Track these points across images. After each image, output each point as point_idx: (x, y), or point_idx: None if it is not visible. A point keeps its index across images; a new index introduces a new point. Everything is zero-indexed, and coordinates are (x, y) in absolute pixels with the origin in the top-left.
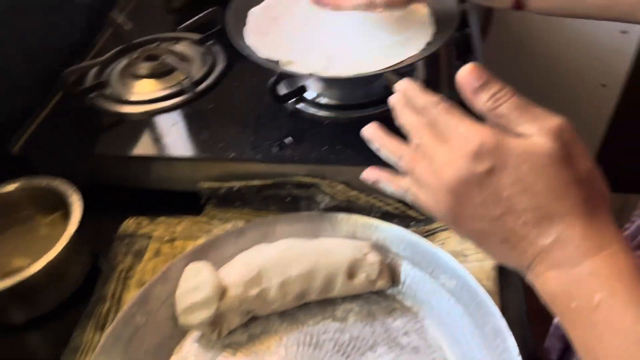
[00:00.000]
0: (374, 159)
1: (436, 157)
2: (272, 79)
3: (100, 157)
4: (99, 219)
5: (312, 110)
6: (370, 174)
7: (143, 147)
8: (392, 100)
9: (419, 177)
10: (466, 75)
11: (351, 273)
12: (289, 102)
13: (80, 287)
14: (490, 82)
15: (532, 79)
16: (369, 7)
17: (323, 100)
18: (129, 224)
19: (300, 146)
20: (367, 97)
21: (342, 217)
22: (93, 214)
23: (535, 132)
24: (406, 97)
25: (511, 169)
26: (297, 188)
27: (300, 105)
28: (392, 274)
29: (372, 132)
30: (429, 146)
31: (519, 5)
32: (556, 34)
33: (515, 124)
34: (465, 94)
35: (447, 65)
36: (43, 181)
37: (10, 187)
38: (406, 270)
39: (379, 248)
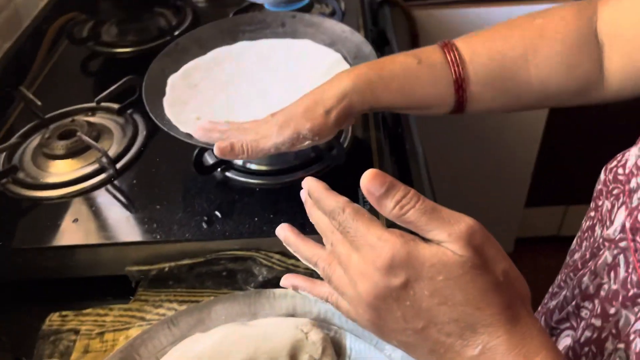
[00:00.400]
0: (309, 226)
1: (350, 266)
2: (196, 151)
3: (17, 251)
4: (20, 316)
5: (241, 178)
6: (287, 282)
7: (63, 236)
8: (302, 196)
9: (337, 286)
10: (368, 182)
11: (293, 355)
12: (216, 171)
13: None
14: (393, 188)
15: None
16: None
17: (252, 166)
18: (52, 320)
19: (231, 219)
20: (296, 159)
21: (279, 292)
22: (14, 312)
23: (446, 238)
24: (313, 197)
25: (427, 281)
26: (232, 262)
27: (229, 173)
28: (336, 349)
29: (284, 236)
30: (342, 253)
31: (458, 110)
32: None
33: (425, 231)
34: (371, 202)
35: (374, 116)
36: None
37: None
38: (350, 343)
39: (321, 322)
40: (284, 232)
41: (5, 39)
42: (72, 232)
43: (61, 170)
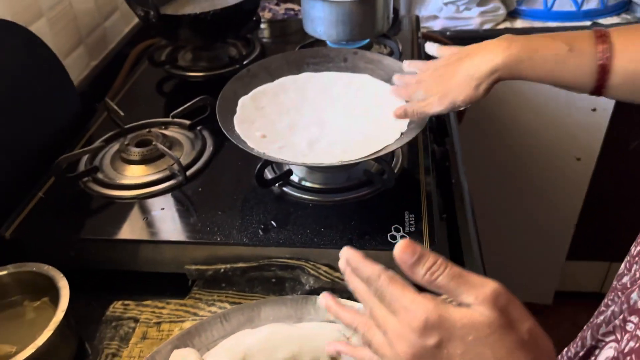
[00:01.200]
0: (356, 241)
1: (388, 328)
2: (259, 165)
3: (89, 241)
4: (87, 302)
5: (296, 193)
6: (331, 347)
7: (131, 231)
8: (340, 266)
9: (377, 349)
10: (400, 253)
11: (335, 357)
12: (275, 185)
13: None
14: (424, 256)
15: (509, 153)
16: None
17: (307, 184)
18: (115, 307)
19: (284, 229)
20: (348, 181)
21: None
22: (80, 297)
23: (473, 301)
24: (350, 266)
25: (458, 341)
26: (282, 270)
27: (286, 188)
28: None
29: (325, 304)
30: (380, 317)
31: (597, 93)
32: (530, 111)
33: (454, 294)
34: (404, 270)
35: (425, 149)
36: (32, 267)
37: (3, 272)
38: None
39: None
40: (326, 300)
41: (93, 57)
42: (140, 228)
43: (135, 174)
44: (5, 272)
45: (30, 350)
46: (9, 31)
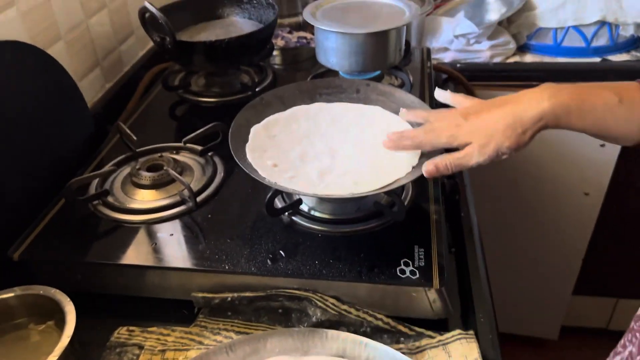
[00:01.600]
0: (365, 275)
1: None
2: (269, 194)
3: (96, 265)
4: (92, 325)
5: (306, 223)
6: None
7: (139, 256)
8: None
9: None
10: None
11: None
12: (285, 214)
13: None
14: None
15: (518, 186)
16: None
17: (316, 214)
18: (120, 333)
19: (293, 259)
20: (358, 212)
21: (332, 334)
22: (86, 321)
23: None
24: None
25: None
26: (289, 300)
27: (295, 218)
28: None
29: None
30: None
31: None
32: (538, 145)
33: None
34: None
35: (433, 181)
36: (39, 290)
37: (7, 294)
38: None
39: None
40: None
41: (108, 80)
42: (147, 254)
43: (146, 198)
44: (12, 295)
45: None
46: (26, 53)
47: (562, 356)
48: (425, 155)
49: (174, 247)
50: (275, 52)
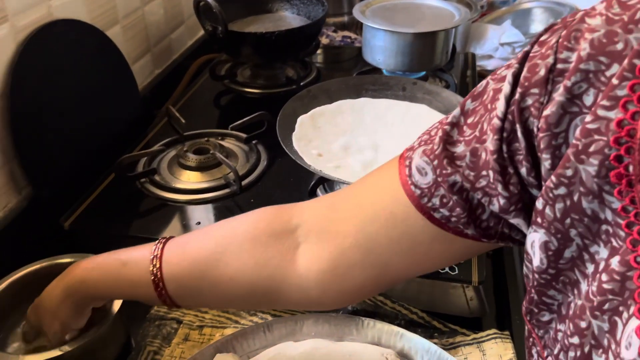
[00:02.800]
0: None
1: None
2: (313, 182)
3: (139, 239)
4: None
5: None
6: None
7: (181, 234)
8: None
9: None
10: None
11: None
12: None
13: None
14: None
15: None
16: None
17: None
18: (159, 307)
19: None
20: None
21: (368, 322)
22: None
23: None
24: None
25: None
26: None
27: None
28: None
29: None
30: None
31: (170, 304)
32: None
33: None
34: None
35: None
36: None
37: (64, 259)
38: None
39: (403, 357)
40: None
41: (157, 66)
42: (188, 232)
43: (191, 179)
44: (70, 260)
45: (82, 340)
46: (87, 33)
47: None
48: None
49: None
50: (318, 51)
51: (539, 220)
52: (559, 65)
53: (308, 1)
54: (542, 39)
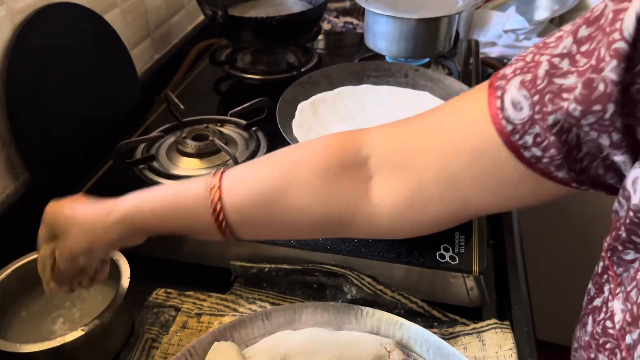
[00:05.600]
0: (404, 256)
1: None
2: None
3: None
4: (131, 285)
5: None
6: None
7: None
8: None
9: None
10: None
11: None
12: None
13: (119, 353)
14: None
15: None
16: None
17: None
18: (158, 294)
19: None
20: None
21: (367, 311)
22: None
23: None
24: None
25: None
26: (325, 276)
27: None
28: None
29: None
30: None
31: (225, 235)
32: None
33: None
34: None
35: None
36: None
37: None
38: None
39: (402, 347)
40: None
41: (157, 51)
42: None
43: (189, 166)
44: None
45: (86, 328)
46: (86, 17)
47: None
48: None
49: None
50: (319, 36)
51: None
52: None
53: None
54: None
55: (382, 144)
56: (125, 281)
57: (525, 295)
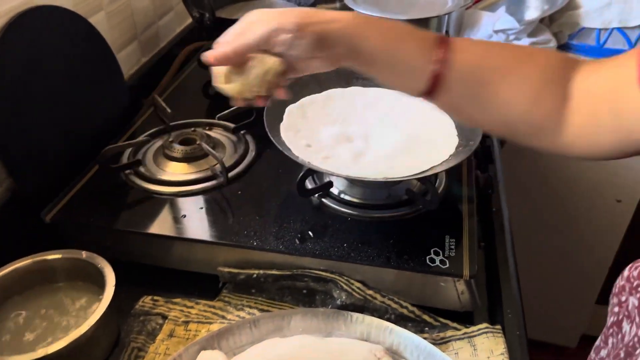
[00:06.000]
0: (394, 261)
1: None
2: (301, 174)
3: (124, 233)
4: (116, 293)
5: (335, 205)
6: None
7: (167, 227)
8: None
9: None
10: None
11: None
12: (315, 195)
13: None
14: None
15: (549, 189)
16: None
17: (346, 197)
18: (145, 302)
19: (321, 241)
20: (388, 198)
21: (357, 317)
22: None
23: None
24: None
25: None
26: (314, 281)
27: (325, 200)
28: None
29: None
30: None
31: (432, 88)
32: None
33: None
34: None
35: (467, 173)
36: (82, 254)
37: (51, 256)
38: None
39: (392, 353)
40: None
41: (145, 54)
42: (176, 225)
43: (177, 171)
44: (57, 256)
45: (71, 337)
46: (69, 20)
47: None
48: (463, 145)
49: (202, 220)
50: None
51: None
52: None
53: None
54: None
55: (584, 84)
56: (109, 289)
57: (517, 298)
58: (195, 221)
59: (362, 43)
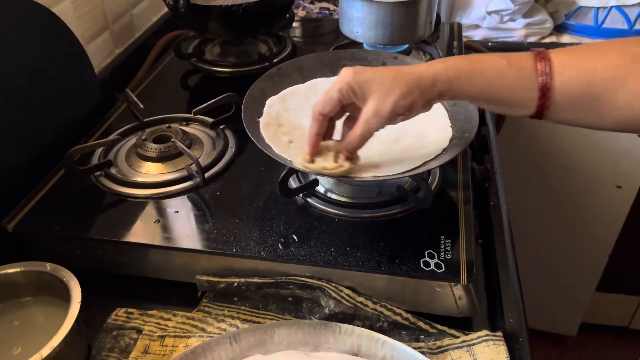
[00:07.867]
0: (385, 265)
1: None
2: (283, 173)
3: (95, 241)
4: (88, 305)
5: (321, 205)
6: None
7: (142, 234)
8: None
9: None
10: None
11: None
12: (299, 195)
13: None
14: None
15: (548, 176)
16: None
17: (333, 196)
18: (118, 315)
19: (306, 245)
20: (379, 196)
21: (346, 328)
22: (82, 299)
23: None
24: None
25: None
26: (300, 289)
27: (310, 199)
28: None
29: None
30: None
31: (539, 116)
32: (572, 135)
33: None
34: None
35: (463, 166)
36: (46, 266)
37: (12, 269)
38: None
39: None
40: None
41: (118, 45)
42: (150, 232)
43: (151, 171)
44: (18, 269)
45: (35, 358)
46: (29, 11)
47: (579, 355)
48: (457, 138)
49: (178, 226)
50: (295, 24)
51: None
52: None
53: None
54: None
55: None
56: (75, 307)
57: (519, 301)
58: (171, 226)
59: (461, 95)
